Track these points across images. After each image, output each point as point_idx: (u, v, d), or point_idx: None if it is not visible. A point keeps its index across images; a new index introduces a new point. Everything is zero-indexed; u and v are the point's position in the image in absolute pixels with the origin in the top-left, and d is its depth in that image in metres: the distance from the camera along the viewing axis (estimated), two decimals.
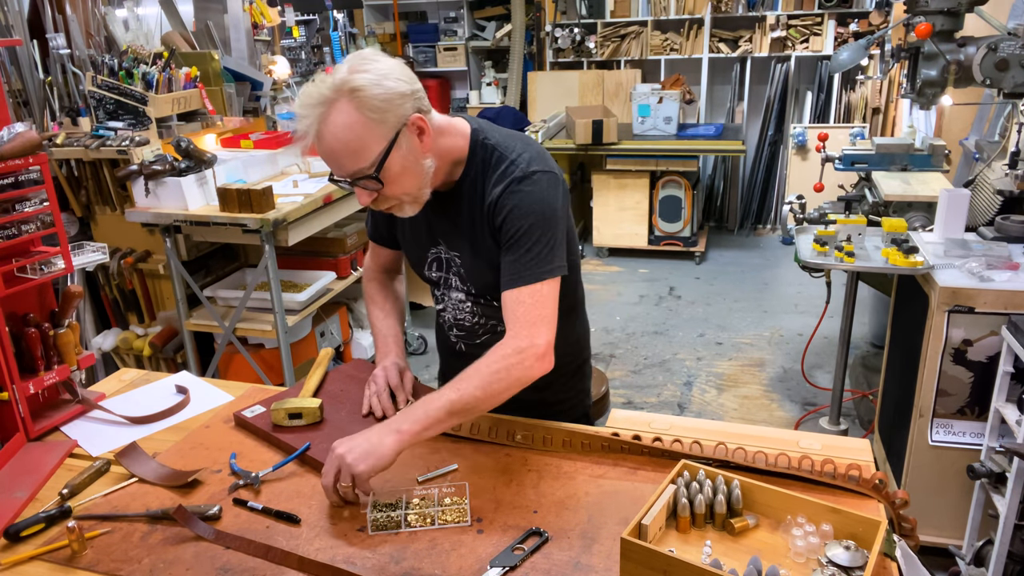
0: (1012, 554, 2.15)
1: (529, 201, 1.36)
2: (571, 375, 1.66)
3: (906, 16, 2.73)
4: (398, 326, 1.71)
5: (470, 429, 1.47)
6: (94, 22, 3.41)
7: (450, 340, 1.63)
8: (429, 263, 1.56)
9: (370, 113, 1.25)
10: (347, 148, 1.27)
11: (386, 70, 1.27)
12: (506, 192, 1.36)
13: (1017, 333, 2.09)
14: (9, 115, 1.65)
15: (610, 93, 6.31)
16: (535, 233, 1.35)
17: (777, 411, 3.64)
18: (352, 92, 1.24)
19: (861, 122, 5.52)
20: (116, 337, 3.38)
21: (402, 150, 1.29)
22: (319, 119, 1.25)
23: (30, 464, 1.48)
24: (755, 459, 1.30)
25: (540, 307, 1.34)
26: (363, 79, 1.24)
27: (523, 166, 1.38)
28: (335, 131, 1.26)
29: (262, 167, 3.37)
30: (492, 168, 1.40)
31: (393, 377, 1.57)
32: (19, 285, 1.54)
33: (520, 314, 1.33)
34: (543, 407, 1.54)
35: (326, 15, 5.79)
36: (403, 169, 1.31)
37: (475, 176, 1.42)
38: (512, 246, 1.36)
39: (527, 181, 1.36)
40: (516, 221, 1.36)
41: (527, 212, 1.35)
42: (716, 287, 5.18)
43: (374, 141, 1.27)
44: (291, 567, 1.15)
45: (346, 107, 1.24)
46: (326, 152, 1.30)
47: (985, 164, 2.90)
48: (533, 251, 1.35)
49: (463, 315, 1.57)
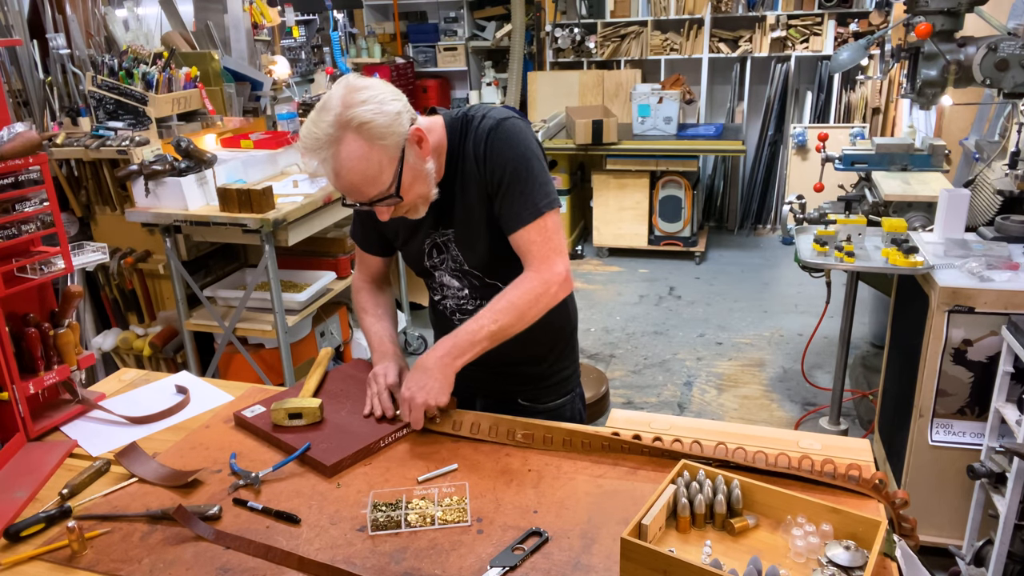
0: (1012, 554, 2.15)
1: (510, 145, 1.44)
2: (565, 343, 1.71)
3: (906, 16, 2.73)
4: (392, 329, 1.73)
5: (470, 429, 1.48)
6: (94, 22, 3.41)
7: (453, 325, 1.65)
8: (428, 251, 1.60)
9: (379, 140, 1.32)
10: (365, 178, 1.34)
11: (378, 94, 1.33)
12: (487, 144, 1.45)
13: (1017, 333, 2.09)
14: (9, 115, 1.65)
15: (610, 93, 6.31)
16: (522, 173, 1.44)
17: (777, 411, 3.64)
18: (359, 127, 1.30)
19: (861, 122, 5.52)
20: (116, 337, 3.38)
21: (410, 162, 1.38)
22: (332, 158, 1.32)
23: (30, 464, 1.48)
24: (755, 459, 1.30)
25: (550, 239, 1.45)
26: (365, 112, 1.30)
27: (494, 116, 1.47)
28: (351, 165, 1.32)
29: (262, 167, 3.37)
30: (470, 129, 1.48)
31: (392, 377, 1.57)
32: (19, 285, 1.54)
33: (534, 251, 1.45)
34: (541, 380, 1.67)
35: (326, 15, 5.81)
36: (414, 178, 1.40)
37: (455, 147, 1.49)
38: (507, 192, 1.45)
39: (501, 129, 1.45)
40: (503, 166, 1.44)
41: (511, 156, 1.44)
42: (716, 287, 5.18)
43: (387, 164, 1.35)
44: (291, 567, 1.15)
45: (355, 141, 1.31)
46: (346, 187, 1.36)
47: (985, 164, 2.90)
48: (527, 190, 1.44)
49: (463, 300, 1.63)
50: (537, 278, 1.45)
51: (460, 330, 1.45)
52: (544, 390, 1.71)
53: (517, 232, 1.46)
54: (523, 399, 1.69)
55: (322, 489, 1.34)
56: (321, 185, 3.23)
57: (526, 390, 1.69)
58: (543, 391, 1.71)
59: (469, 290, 1.61)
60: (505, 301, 1.45)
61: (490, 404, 1.62)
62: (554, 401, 1.72)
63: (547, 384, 1.71)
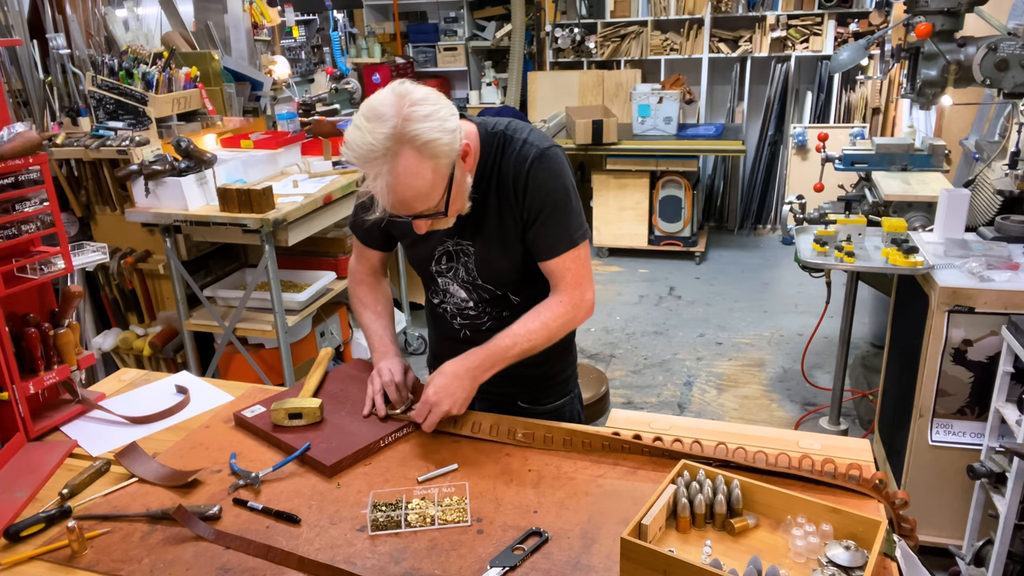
0: (1012, 554, 2.15)
1: (551, 176, 1.46)
2: (564, 345, 1.71)
3: (906, 16, 2.73)
4: (392, 327, 1.74)
5: (471, 428, 1.48)
6: (94, 22, 3.41)
7: (453, 328, 1.67)
8: (438, 257, 1.60)
9: (432, 159, 1.28)
10: (418, 195, 1.31)
11: (439, 110, 1.29)
12: (529, 172, 1.45)
13: (1017, 333, 2.09)
14: (9, 115, 1.65)
15: (610, 93, 6.31)
16: (561, 204, 1.47)
17: (777, 411, 3.64)
18: (422, 145, 1.26)
19: (861, 122, 5.52)
20: (116, 337, 3.38)
21: (456, 178, 1.37)
22: (389, 173, 1.27)
23: (30, 464, 1.48)
24: (755, 459, 1.30)
25: (582, 267, 1.51)
26: (427, 129, 1.26)
27: (536, 144, 1.47)
28: (407, 181, 1.28)
29: (262, 167, 3.37)
30: (506, 150, 1.48)
31: (395, 375, 1.57)
32: (19, 285, 1.54)
33: (568, 278, 1.51)
34: (541, 381, 1.70)
35: (326, 15, 5.81)
36: (457, 194, 1.39)
37: (488, 163, 1.48)
38: (545, 222, 1.47)
39: (544, 159, 1.46)
40: (544, 197, 1.46)
41: (553, 187, 1.46)
42: (716, 287, 5.18)
43: (439, 182, 1.33)
44: (291, 567, 1.15)
45: (412, 157, 1.26)
46: (396, 201, 1.32)
47: (985, 164, 2.90)
48: (564, 221, 1.48)
49: (467, 307, 1.62)
50: (569, 303, 1.50)
51: (493, 343, 1.48)
52: (544, 391, 1.71)
53: (552, 260, 1.50)
54: (523, 400, 1.69)
55: (322, 489, 1.34)
56: (321, 185, 3.24)
57: (526, 391, 1.69)
58: (543, 392, 1.71)
59: (475, 300, 1.60)
60: (539, 323, 1.49)
61: (490, 406, 1.62)
62: (554, 402, 1.72)
63: (547, 385, 1.71)
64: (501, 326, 1.52)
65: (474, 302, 1.61)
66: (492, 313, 1.61)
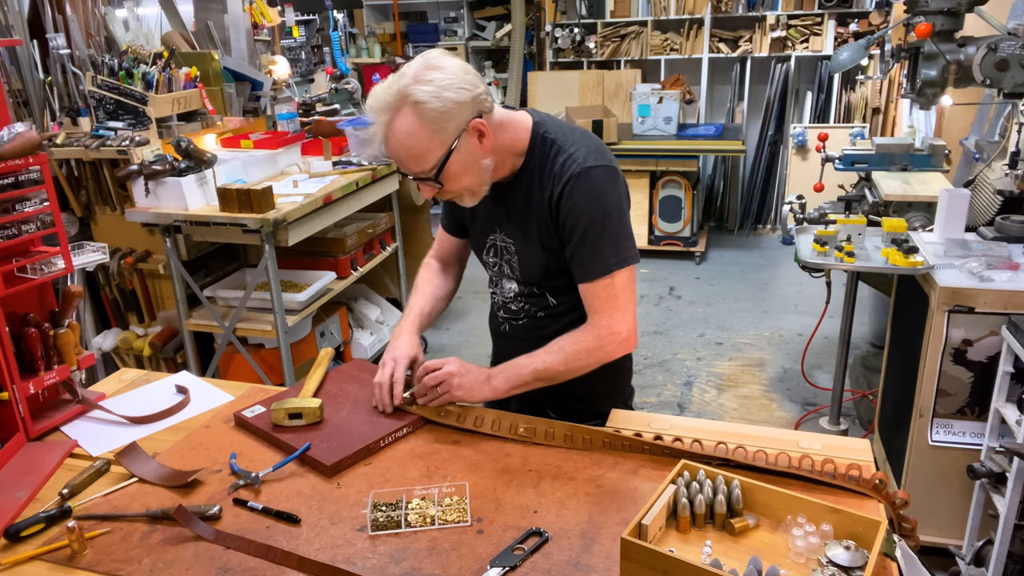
0: (1012, 554, 2.15)
1: (589, 197, 1.41)
2: (613, 386, 1.68)
3: (906, 16, 2.73)
4: (427, 305, 1.72)
5: (474, 422, 1.49)
6: (94, 22, 3.41)
7: (498, 320, 1.70)
8: (487, 248, 1.62)
9: (430, 124, 1.33)
10: (410, 154, 1.36)
11: (448, 80, 1.32)
12: (566, 188, 1.42)
13: (1017, 333, 2.09)
14: (9, 115, 1.65)
15: (610, 93, 6.31)
16: (597, 228, 1.42)
17: (777, 411, 3.64)
18: (415, 104, 1.31)
19: (861, 122, 5.51)
20: (116, 337, 3.38)
21: (462, 153, 1.37)
22: (385, 125, 1.34)
23: (30, 464, 1.48)
24: (755, 458, 1.30)
25: (614, 298, 1.44)
26: (424, 92, 1.31)
27: (580, 161, 1.42)
28: (399, 138, 1.35)
29: (262, 167, 3.37)
30: (551, 162, 1.46)
31: (395, 371, 1.55)
32: (19, 285, 1.53)
33: (597, 306, 1.45)
34: (582, 398, 1.62)
35: (326, 15, 5.80)
36: (463, 169, 1.39)
37: (534, 169, 1.48)
38: (579, 243, 1.44)
39: (584, 176, 1.41)
40: (578, 218, 1.42)
41: (588, 208, 1.42)
42: (716, 287, 5.18)
43: (435, 148, 1.35)
44: (291, 567, 1.15)
45: (409, 116, 1.33)
46: (392, 154, 1.39)
47: (985, 164, 2.90)
48: (599, 246, 1.43)
49: (509, 300, 1.64)
50: (593, 333, 1.46)
51: (513, 362, 1.49)
52: (577, 406, 1.63)
53: (584, 285, 1.47)
54: (552, 411, 1.64)
55: (322, 489, 1.34)
56: (321, 185, 3.24)
57: (559, 404, 1.64)
58: (576, 407, 1.63)
59: (517, 294, 1.62)
60: (557, 347, 1.47)
61: (521, 410, 1.60)
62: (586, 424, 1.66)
63: (582, 403, 1.64)
64: (536, 324, 1.55)
65: (515, 295, 1.62)
66: (529, 311, 1.61)
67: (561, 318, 1.57)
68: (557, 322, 1.57)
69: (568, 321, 1.54)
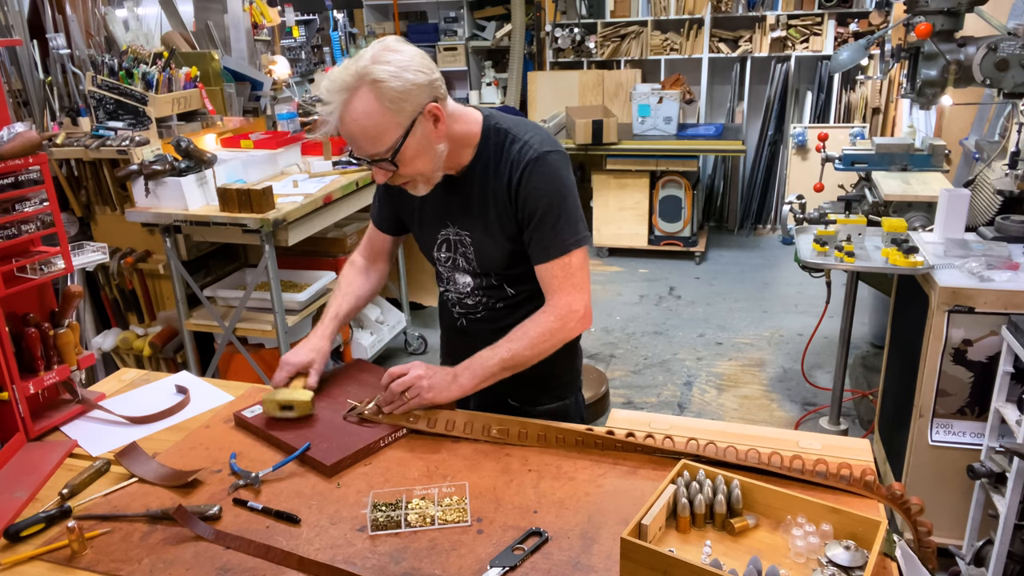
0: (1012, 554, 2.15)
1: (546, 181, 1.46)
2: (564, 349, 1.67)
3: (906, 16, 2.73)
4: (345, 304, 1.73)
5: (464, 428, 1.47)
6: (94, 22, 3.41)
7: (452, 316, 1.70)
8: (439, 244, 1.62)
9: (388, 104, 1.34)
10: (366, 133, 1.36)
11: (406, 62, 1.35)
12: (525, 173, 1.46)
13: (1017, 333, 2.09)
14: (9, 115, 1.65)
15: (610, 93, 6.31)
16: (555, 209, 1.46)
17: (777, 411, 3.64)
18: (373, 83, 1.32)
19: (861, 122, 5.51)
20: (116, 337, 3.38)
21: (417, 136, 1.38)
22: (342, 104, 1.34)
23: (30, 464, 1.48)
24: (747, 457, 1.30)
25: (571, 277, 1.48)
26: (383, 71, 1.32)
27: (536, 147, 1.47)
28: (355, 117, 1.35)
29: (262, 167, 3.37)
30: (506, 150, 1.49)
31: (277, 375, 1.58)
32: (19, 285, 1.54)
33: (555, 286, 1.49)
34: (532, 382, 1.61)
35: (326, 15, 5.79)
36: (417, 153, 1.40)
37: (488, 158, 1.50)
38: (537, 225, 1.47)
39: (542, 161, 1.46)
40: (537, 200, 1.46)
41: (546, 191, 1.46)
42: (716, 287, 5.18)
43: (391, 129, 1.36)
44: (291, 567, 1.15)
45: (366, 96, 1.33)
46: (347, 135, 1.38)
47: (985, 164, 2.90)
48: (557, 226, 1.47)
49: (465, 294, 1.64)
50: (554, 313, 1.48)
51: (476, 356, 1.49)
52: (537, 392, 1.67)
53: (542, 265, 1.49)
54: (513, 399, 1.67)
55: (322, 489, 1.34)
56: (321, 185, 3.24)
57: (517, 390, 1.65)
58: (536, 393, 1.67)
59: (473, 287, 1.62)
60: (520, 332, 1.48)
61: (479, 403, 1.61)
62: (547, 405, 1.68)
63: (540, 387, 1.68)
64: (495, 316, 1.56)
65: (471, 289, 1.62)
66: (487, 303, 1.62)
67: (520, 308, 1.59)
68: (516, 312, 1.58)
69: (527, 310, 1.55)
